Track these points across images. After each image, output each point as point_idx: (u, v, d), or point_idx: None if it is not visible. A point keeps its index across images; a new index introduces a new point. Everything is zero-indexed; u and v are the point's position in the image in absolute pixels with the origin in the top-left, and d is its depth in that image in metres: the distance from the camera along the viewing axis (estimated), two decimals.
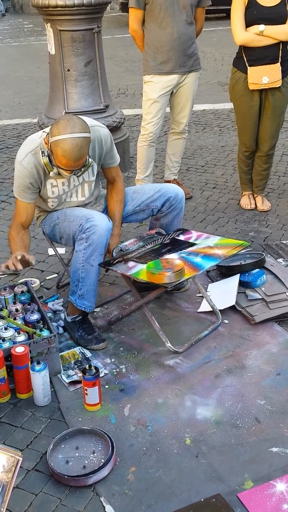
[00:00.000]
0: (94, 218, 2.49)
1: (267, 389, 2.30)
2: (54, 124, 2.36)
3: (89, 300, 2.58)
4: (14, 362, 2.24)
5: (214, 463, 1.96)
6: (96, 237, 2.46)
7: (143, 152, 4.00)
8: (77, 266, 2.52)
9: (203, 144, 5.49)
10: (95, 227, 2.46)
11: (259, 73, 3.46)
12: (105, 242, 2.51)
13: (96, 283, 2.58)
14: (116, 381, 2.38)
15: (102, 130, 2.63)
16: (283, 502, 1.79)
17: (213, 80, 8.08)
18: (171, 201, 2.79)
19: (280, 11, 3.38)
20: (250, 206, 3.96)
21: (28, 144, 2.52)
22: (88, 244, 2.47)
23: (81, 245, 2.49)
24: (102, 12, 4.26)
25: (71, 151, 2.32)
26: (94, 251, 2.48)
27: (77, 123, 2.35)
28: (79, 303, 2.58)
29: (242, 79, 3.56)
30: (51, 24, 4.16)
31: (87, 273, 2.52)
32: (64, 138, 2.31)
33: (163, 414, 2.19)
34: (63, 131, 2.31)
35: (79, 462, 1.97)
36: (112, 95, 6.54)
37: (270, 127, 3.69)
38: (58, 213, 2.67)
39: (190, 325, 2.73)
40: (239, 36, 3.44)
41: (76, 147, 2.32)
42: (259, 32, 3.38)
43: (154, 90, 3.81)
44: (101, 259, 2.52)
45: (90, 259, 2.49)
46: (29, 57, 10.75)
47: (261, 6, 3.36)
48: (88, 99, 4.28)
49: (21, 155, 2.50)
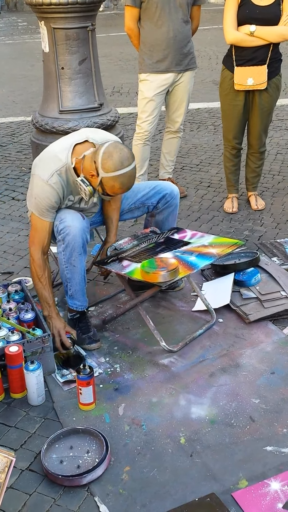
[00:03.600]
0: (67, 219, 2.45)
1: (262, 388, 2.30)
2: (107, 157, 2.29)
3: (79, 300, 2.58)
4: (7, 361, 2.23)
5: (209, 462, 1.95)
6: (70, 238, 2.44)
7: (138, 150, 4.00)
8: (62, 267, 2.53)
9: (198, 142, 5.48)
10: (68, 228, 2.43)
11: (245, 74, 3.46)
12: (81, 241, 2.46)
13: (83, 282, 2.57)
14: (110, 380, 2.38)
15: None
16: (278, 501, 1.79)
17: (208, 79, 8.09)
18: (167, 197, 2.79)
19: (273, 11, 3.36)
20: (232, 209, 3.93)
21: (52, 162, 2.43)
22: (65, 245, 2.46)
23: (60, 247, 2.49)
24: (96, 10, 4.24)
25: (129, 183, 2.36)
26: (73, 251, 2.46)
27: (127, 152, 2.33)
28: (71, 303, 2.59)
29: (229, 77, 3.57)
30: (45, 22, 4.14)
31: (72, 273, 2.52)
32: (124, 172, 2.30)
33: (157, 413, 2.19)
34: (120, 165, 2.29)
35: (73, 461, 1.96)
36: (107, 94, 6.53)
37: (259, 125, 3.70)
38: None
39: (184, 324, 2.73)
40: (229, 35, 3.44)
41: (132, 178, 2.36)
42: (249, 33, 3.37)
43: (149, 88, 3.81)
44: (82, 259, 2.50)
45: (71, 259, 2.48)
46: (23, 55, 10.72)
47: (254, 5, 3.35)
48: (83, 97, 4.26)
49: (46, 174, 2.40)
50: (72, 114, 4.32)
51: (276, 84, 3.58)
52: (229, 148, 3.85)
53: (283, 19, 3.36)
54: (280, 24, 3.37)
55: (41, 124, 4.36)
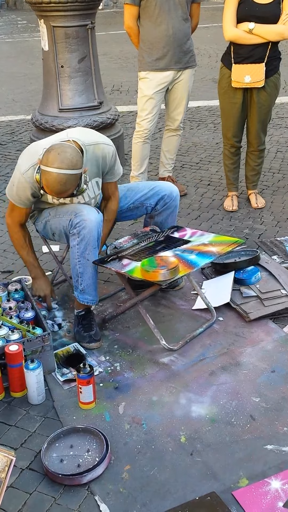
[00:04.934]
0: (83, 213, 2.47)
1: (262, 387, 2.29)
2: (47, 150, 2.30)
3: (91, 294, 2.57)
4: (8, 360, 2.23)
5: (209, 461, 1.95)
6: (87, 231, 2.44)
7: (138, 149, 3.99)
8: (74, 261, 2.52)
9: (198, 141, 5.48)
10: (84, 222, 2.44)
11: (242, 71, 3.45)
12: (97, 235, 2.48)
13: (95, 277, 2.57)
14: (110, 379, 2.37)
15: (107, 148, 2.56)
16: (278, 500, 1.79)
17: (208, 77, 8.07)
18: (165, 199, 2.78)
19: (273, 9, 3.34)
20: (232, 208, 3.92)
21: (31, 155, 2.44)
22: (80, 239, 2.46)
23: (74, 240, 2.48)
24: (96, 8, 4.25)
25: (53, 185, 2.28)
26: (87, 245, 2.47)
27: (67, 158, 2.25)
28: (81, 298, 2.58)
29: (227, 75, 3.56)
30: (45, 20, 4.14)
31: (85, 267, 2.51)
32: (49, 171, 2.26)
33: (158, 412, 2.18)
34: (50, 163, 2.25)
35: (74, 460, 1.96)
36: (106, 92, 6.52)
37: (257, 123, 3.69)
38: (50, 210, 2.65)
39: (184, 323, 2.73)
40: (228, 32, 3.43)
41: (59, 183, 2.27)
42: (248, 30, 3.36)
43: (149, 86, 3.80)
44: (95, 253, 2.51)
45: (85, 253, 2.48)
46: (23, 54, 10.70)
47: (254, 3, 3.34)
48: (82, 95, 4.26)
49: (24, 166, 2.44)
50: (72, 113, 4.32)
51: (274, 83, 3.57)
52: (228, 146, 3.85)
53: (282, 18, 3.35)
54: (279, 23, 3.36)
55: (41, 122, 4.36)
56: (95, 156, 2.52)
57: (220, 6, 4.66)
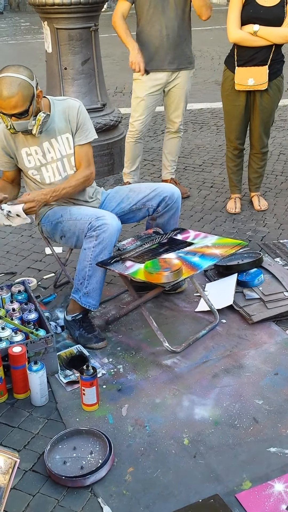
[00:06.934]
0: (105, 217, 2.49)
1: (265, 389, 2.29)
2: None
3: (94, 299, 2.58)
4: (11, 362, 2.23)
5: (212, 464, 1.95)
6: (107, 235, 2.46)
7: (130, 148, 4.02)
8: (84, 263, 2.52)
9: (200, 143, 5.48)
10: (106, 226, 2.45)
11: (246, 74, 3.46)
12: (114, 241, 2.52)
13: (103, 282, 2.58)
14: (113, 381, 2.37)
15: (74, 101, 2.65)
16: (281, 503, 1.79)
17: (210, 79, 8.08)
18: (167, 200, 2.78)
19: (277, 12, 3.35)
20: (235, 210, 3.93)
21: None
22: (98, 242, 2.46)
23: (90, 243, 2.48)
24: (99, 10, 4.25)
25: (1, 91, 2.32)
26: (104, 249, 2.48)
27: (17, 67, 2.37)
28: (84, 301, 2.57)
29: (230, 78, 3.56)
30: (48, 22, 4.15)
31: (94, 271, 2.51)
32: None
33: (161, 414, 2.18)
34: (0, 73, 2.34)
35: (77, 462, 1.96)
36: (109, 94, 6.53)
37: (260, 126, 3.69)
38: (62, 211, 2.65)
39: (187, 325, 2.73)
40: (233, 34, 3.43)
41: (5, 84, 2.32)
42: (253, 32, 3.37)
43: (142, 88, 3.79)
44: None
45: (99, 257, 2.49)
46: (26, 56, 10.73)
47: (258, 5, 3.34)
48: (85, 97, 4.26)
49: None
50: None
51: (277, 86, 3.57)
52: (231, 148, 3.85)
53: (286, 20, 3.36)
54: (283, 26, 3.37)
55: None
56: (62, 109, 2.60)
57: (223, 9, 4.66)
